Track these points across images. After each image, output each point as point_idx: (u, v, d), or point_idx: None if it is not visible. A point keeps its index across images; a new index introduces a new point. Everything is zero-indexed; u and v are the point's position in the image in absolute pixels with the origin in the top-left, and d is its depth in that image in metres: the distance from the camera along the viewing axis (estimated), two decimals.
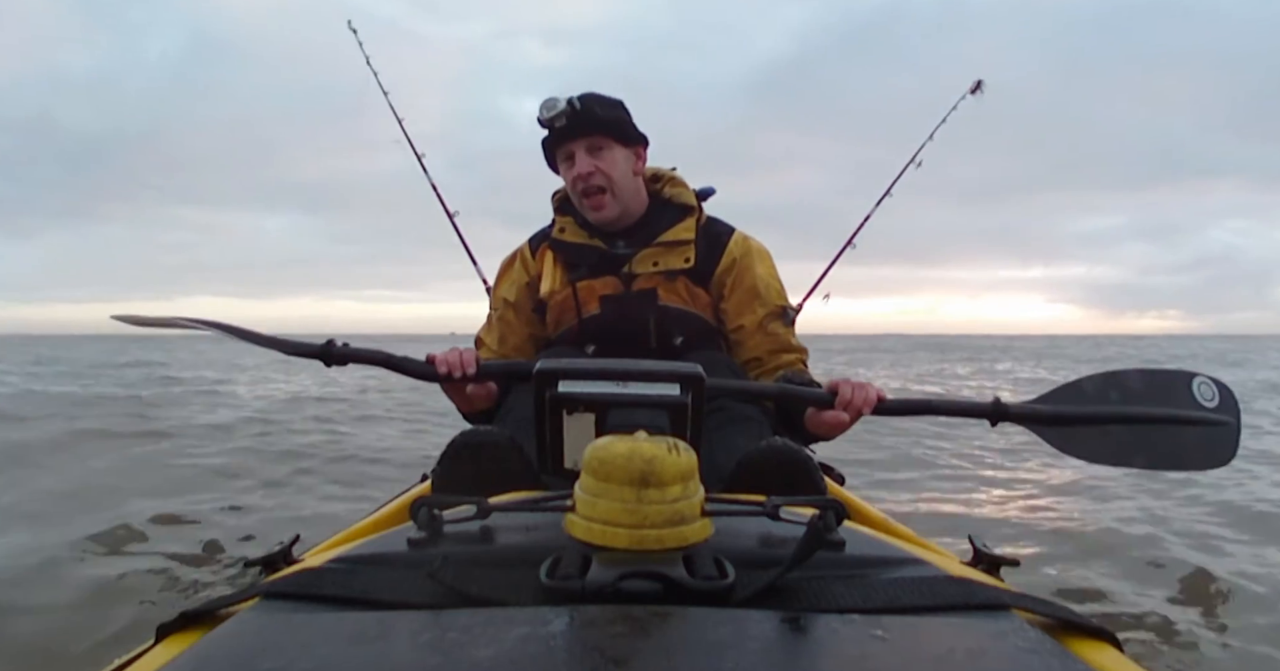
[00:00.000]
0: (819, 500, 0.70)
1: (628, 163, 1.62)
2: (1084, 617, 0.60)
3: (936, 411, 1.28)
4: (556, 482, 0.98)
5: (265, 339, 1.31)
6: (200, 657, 0.50)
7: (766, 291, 1.66)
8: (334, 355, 1.26)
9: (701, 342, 1.63)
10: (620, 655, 0.46)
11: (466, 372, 1.28)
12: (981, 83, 2.67)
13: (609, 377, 0.95)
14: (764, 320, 1.65)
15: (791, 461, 1.07)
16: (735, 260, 1.66)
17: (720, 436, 1.36)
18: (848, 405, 1.27)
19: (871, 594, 0.59)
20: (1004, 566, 1.20)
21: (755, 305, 1.65)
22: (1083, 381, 1.34)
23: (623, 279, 1.63)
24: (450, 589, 0.57)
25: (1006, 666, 0.48)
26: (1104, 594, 2.29)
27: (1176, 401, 1.31)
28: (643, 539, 0.59)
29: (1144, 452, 1.29)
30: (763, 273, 1.68)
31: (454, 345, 1.35)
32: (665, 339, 1.62)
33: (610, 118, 1.59)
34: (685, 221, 1.66)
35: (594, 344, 1.64)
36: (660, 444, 0.62)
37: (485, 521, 0.72)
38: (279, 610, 0.58)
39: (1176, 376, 1.36)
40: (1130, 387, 1.32)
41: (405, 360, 1.28)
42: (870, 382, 1.29)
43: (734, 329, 1.66)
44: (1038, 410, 1.27)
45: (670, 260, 1.63)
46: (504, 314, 1.74)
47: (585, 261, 1.65)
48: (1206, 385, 1.34)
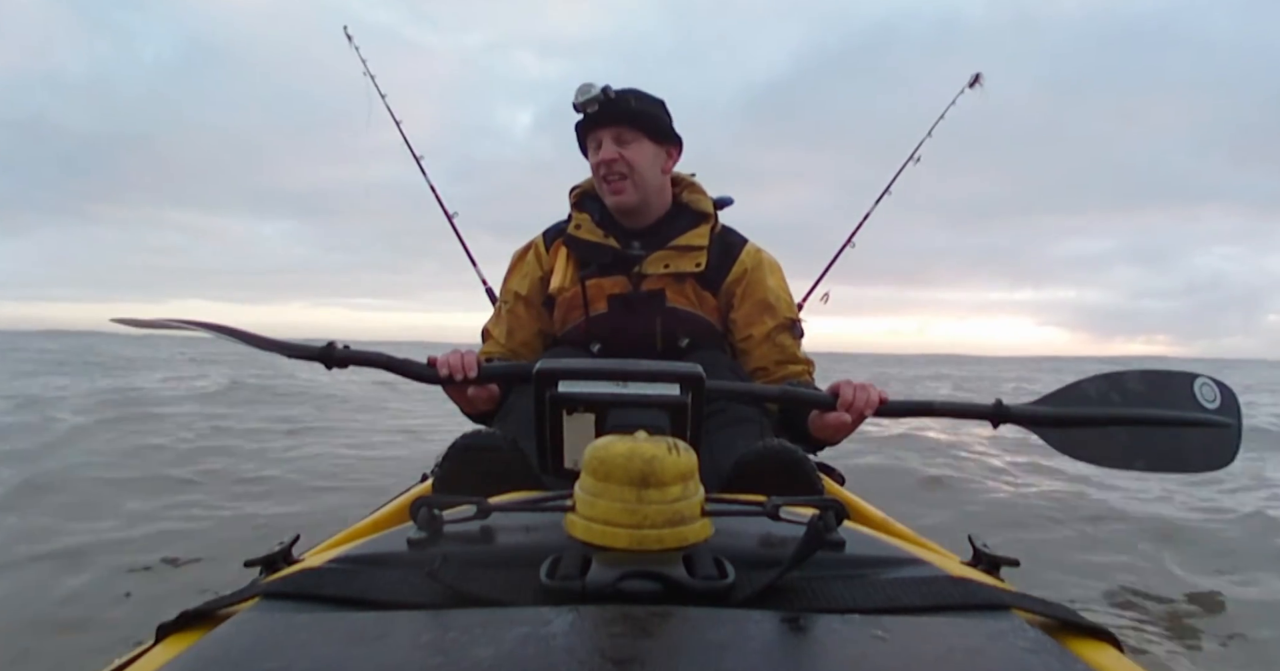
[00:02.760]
0: (819, 500, 0.70)
1: (656, 159, 1.61)
2: (1084, 617, 0.60)
3: (939, 413, 1.28)
4: (557, 483, 0.98)
5: (266, 341, 1.31)
6: (200, 657, 0.50)
7: (777, 303, 1.67)
8: (335, 357, 1.26)
9: (707, 345, 1.64)
10: (620, 655, 0.46)
11: (468, 376, 1.29)
12: (980, 75, 2.66)
13: (609, 378, 0.95)
14: (772, 331, 1.65)
15: (788, 462, 1.07)
16: (746, 270, 1.66)
17: (720, 437, 1.36)
18: (850, 406, 1.27)
19: (871, 594, 0.59)
20: (1004, 566, 1.20)
21: (765, 317, 1.66)
22: (1084, 383, 1.34)
23: (632, 279, 1.63)
24: (450, 589, 0.57)
25: (1006, 666, 0.48)
26: (1104, 594, 2.29)
27: (1178, 402, 1.31)
28: (643, 539, 0.59)
29: (1145, 455, 1.29)
30: (774, 285, 1.69)
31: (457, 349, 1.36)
32: (671, 340, 1.62)
33: (643, 111, 1.58)
34: (700, 228, 1.66)
35: (600, 342, 1.63)
36: (660, 444, 0.62)
37: (485, 521, 0.72)
38: (279, 610, 0.58)
39: (1178, 377, 1.35)
40: (1131, 389, 1.32)
41: (406, 362, 1.28)
42: (871, 384, 1.29)
43: (743, 338, 1.66)
44: (1039, 412, 1.27)
45: (682, 264, 1.62)
46: (514, 307, 1.73)
47: (597, 260, 1.64)
48: (1208, 386, 1.34)
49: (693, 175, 1.75)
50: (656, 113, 1.61)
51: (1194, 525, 3.16)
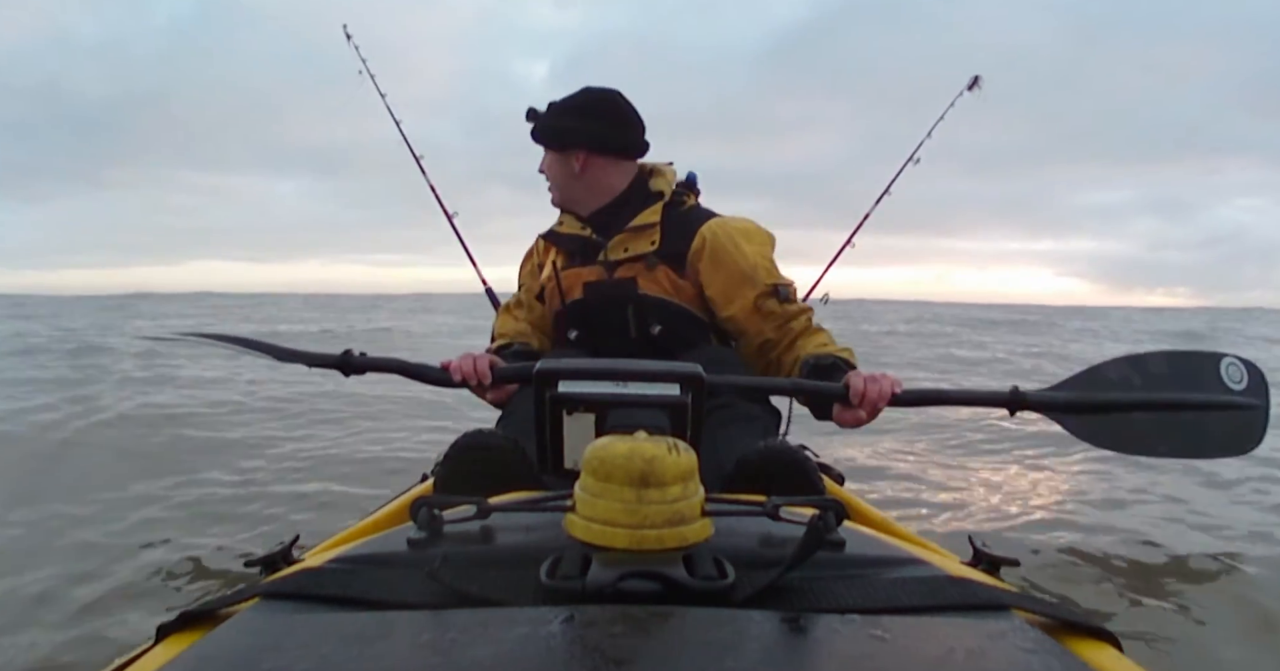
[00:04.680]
0: (819, 500, 0.70)
1: (562, 166, 1.72)
2: (1084, 617, 0.60)
3: (954, 402, 1.26)
4: (557, 483, 0.98)
5: (285, 352, 1.34)
6: (200, 657, 0.50)
7: (754, 271, 1.61)
8: (352, 365, 1.32)
9: (681, 332, 1.63)
10: (620, 655, 0.46)
11: (482, 381, 1.35)
12: (979, 78, 2.65)
13: (609, 378, 0.95)
14: (757, 301, 1.60)
15: (788, 462, 1.07)
16: (705, 242, 1.62)
17: (724, 435, 1.36)
18: (862, 399, 1.25)
19: (871, 594, 0.59)
20: (1004, 566, 1.20)
21: (744, 289, 1.60)
22: (1104, 366, 1.29)
23: (606, 267, 1.67)
24: (450, 589, 0.57)
25: (1006, 666, 0.48)
26: (1104, 593, 2.29)
27: (1203, 384, 1.26)
28: (642, 539, 0.59)
29: (1168, 440, 1.24)
30: (751, 252, 1.63)
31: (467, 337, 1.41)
32: (643, 327, 1.63)
33: (541, 127, 1.72)
34: (653, 207, 1.68)
35: (576, 329, 1.69)
36: (660, 444, 0.62)
37: (485, 521, 0.73)
38: (279, 610, 0.58)
39: (1203, 358, 1.30)
40: (1154, 371, 1.27)
41: (421, 367, 1.32)
42: (887, 373, 1.26)
43: (726, 317, 1.63)
44: (1057, 398, 1.22)
45: (638, 245, 1.65)
46: (523, 296, 1.86)
47: (576, 250, 1.72)
48: (1235, 366, 1.28)
49: (669, 163, 1.79)
50: (552, 125, 1.71)
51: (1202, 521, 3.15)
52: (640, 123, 1.74)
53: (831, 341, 1.60)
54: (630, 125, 1.72)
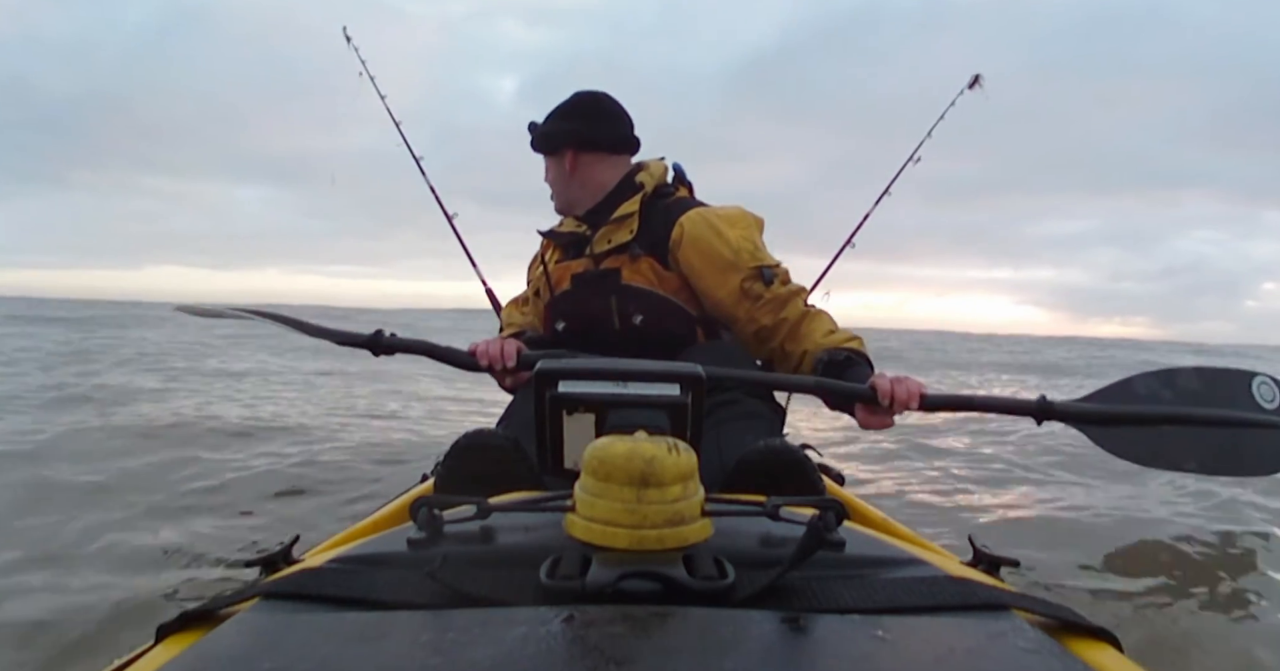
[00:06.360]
0: (819, 500, 0.70)
1: (556, 169, 1.77)
2: (1084, 617, 0.60)
3: (981, 408, 1.24)
4: (557, 483, 0.98)
5: (316, 329, 1.38)
6: (200, 657, 0.50)
7: (737, 256, 1.58)
8: (382, 345, 1.38)
9: (665, 322, 1.63)
10: (620, 655, 0.46)
11: (507, 365, 1.41)
12: (980, 77, 2.63)
13: (609, 378, 0.95)
14: (743, 285, 1.58)
15: (789, 462, 1.07)
16: (684, 230, 1.61)
17: (726, 433, 1.35)
18: (890, 400, 1.24)
19: (872, 594, 0.59)
20: (1004, 566, 1.20)
21: (729, 274, 1.58)
22: (1134, 379, 1.28)
23: (593, 260, 1.70)
24: (450, 589, 0.57)
25: (1006, 666, 0.48)
26: (1104, 594, 2.28)
27: (1235, 402, 1.25)
28: (643, 539, 0.59)
29: (1197, 456, 1.23)
30: (733, 236, 1.60)
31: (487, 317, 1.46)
32: (626, 318, 1.63)
33: (536, 136, 1.79)
34: (633, 198, 1.70)
35: (563, 320, 1.72)
36: (660, 444, 0.62)
37: (485, 521, 0.72)
38: (279, 610, 0.58)
39: (1235, 376, 1.29)
40: (1184, 387, 1.26)
41: (449, 351, 1.37)
42: (910, 377, 1.25)
43: (714, 305, 1.62)
44: (1086, 409, 1.21)
45: (619, 235, 1.67)
46: (528, 292, 1.94)
47: (570, 245, 1.77)
48: (1267, 385, 1.28)
49: (661, 158, 1.81)
50: (543, 131, 1.78)
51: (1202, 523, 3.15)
52: (626, 119, 1.76)
53: (836, 327, 1.57)
54: (614, 121, 1.76)
